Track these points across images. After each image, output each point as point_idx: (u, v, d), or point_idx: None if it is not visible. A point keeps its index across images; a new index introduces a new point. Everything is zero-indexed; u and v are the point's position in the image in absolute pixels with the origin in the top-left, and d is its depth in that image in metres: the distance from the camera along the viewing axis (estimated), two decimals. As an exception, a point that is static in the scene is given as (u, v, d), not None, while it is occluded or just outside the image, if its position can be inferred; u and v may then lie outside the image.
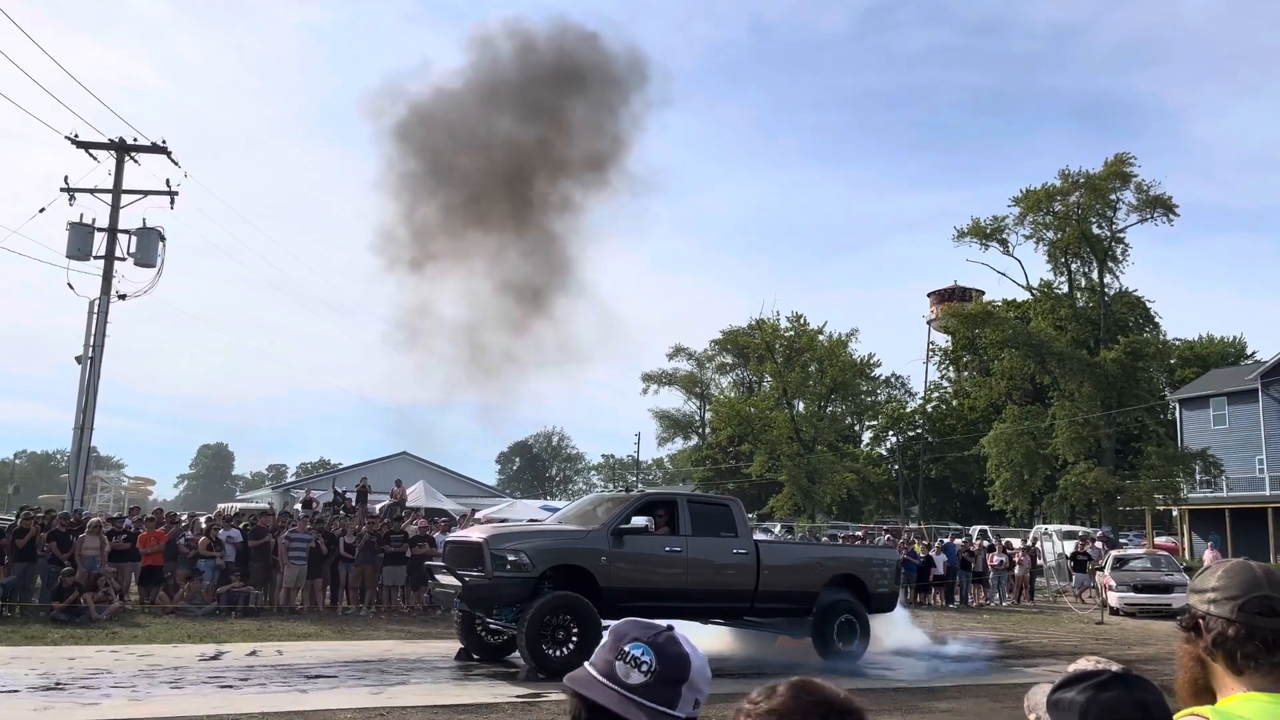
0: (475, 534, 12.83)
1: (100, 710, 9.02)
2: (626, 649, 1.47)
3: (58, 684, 10.33)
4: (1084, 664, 1.76)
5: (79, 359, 25.84)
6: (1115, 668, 1.70)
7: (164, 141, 25.98)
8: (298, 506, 25.66)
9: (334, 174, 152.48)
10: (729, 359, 66.64)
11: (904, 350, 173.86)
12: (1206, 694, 1.88)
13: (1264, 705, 1.75)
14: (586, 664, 1.49)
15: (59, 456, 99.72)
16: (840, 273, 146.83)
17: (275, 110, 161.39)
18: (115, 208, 26.10)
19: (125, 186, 26.24)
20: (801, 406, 58.52)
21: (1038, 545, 30.31)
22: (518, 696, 10.45)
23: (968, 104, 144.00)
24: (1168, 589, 23.90)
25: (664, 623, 1.53)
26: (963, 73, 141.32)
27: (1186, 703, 1.88)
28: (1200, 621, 1.87)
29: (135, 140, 25.98)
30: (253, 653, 13.29)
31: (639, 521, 12.43)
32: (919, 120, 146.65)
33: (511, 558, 11.79)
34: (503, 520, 26.34)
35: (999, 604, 25.53)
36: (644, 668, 1.45)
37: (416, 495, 29.16)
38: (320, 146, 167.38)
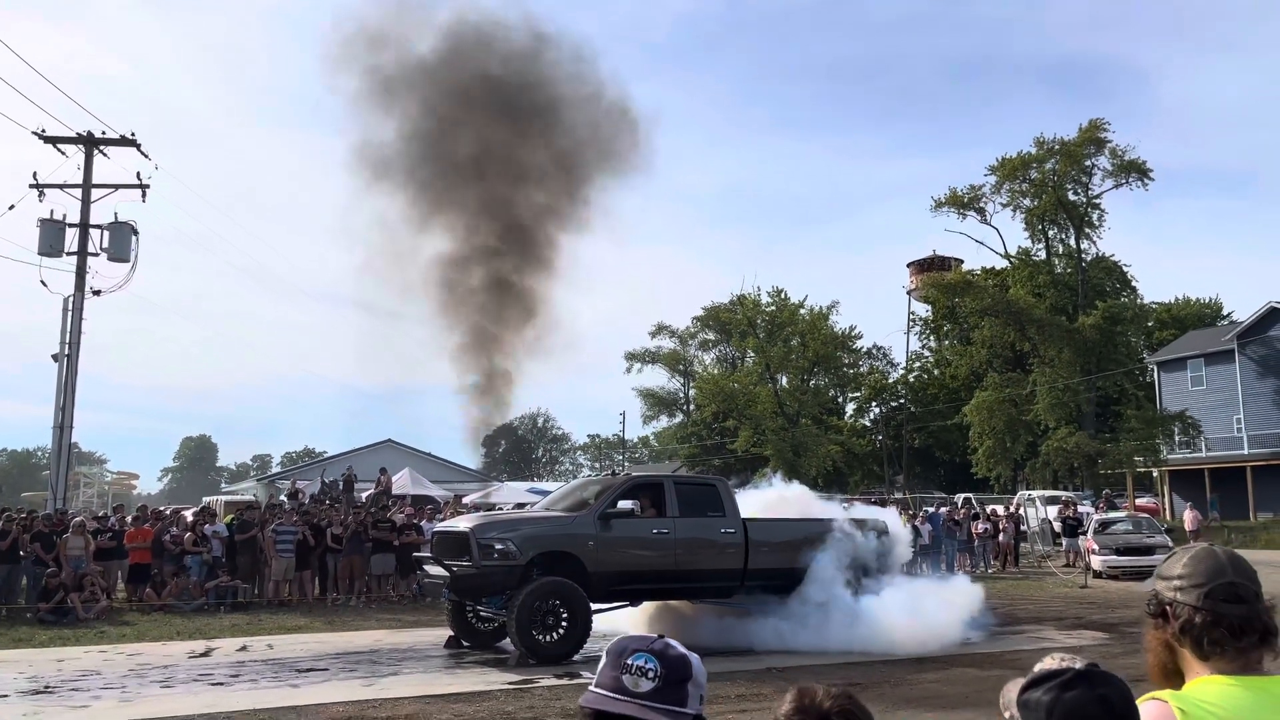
0: (462, 524, 12.84)
1: (91, 713, 9.01)
2: (630, 661, 1.54)
3: (47, 687, 10.31)
4: (1049, 663, 1.79)
5: (55, 357, 25.61)
6: (1079, 665, 1.73)
7: (133, 134, 25.67)
8: (283, 498, 25.58)
9: (304, 161, 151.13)
10: (711, 335, 66.71)
11: (885, 321, 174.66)
12: (1175, 677, 1.92)
13: (1224, 688, 1.79)
14: (591, 688, 1.56)
15: (39, 453, 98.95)
16: (819, 244, 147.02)
17: (243, 98, 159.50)
18: (86, 203, 25.79)
19: (95, 180, 25.92)
20: (785, 381, 58.71)
21: (1021, 511, 30.59)
22: (510, 683, 10.51)
23: (941, 71, 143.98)
24: (1149, 551, 24.20)
25: (653, 634, 1.62)
26: (935, 39, 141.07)
27: (1157, 685, 1.92)
28: (1167, 608, 1.91)
29: (104, 133, 25.65)
30: (243, 648, 13.29)
31: (625, 505, 12.47)
32: (893, 88, 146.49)
33: (499, 546, 11.81)
34: (490, 505, 26.40)
35: (984, 571, 25.80)
36: (651, 674, 1.53)
37: (402, 482, 29.14)
38: (290, 133, 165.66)
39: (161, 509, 24.58)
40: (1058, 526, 29.16)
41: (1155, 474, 45.53)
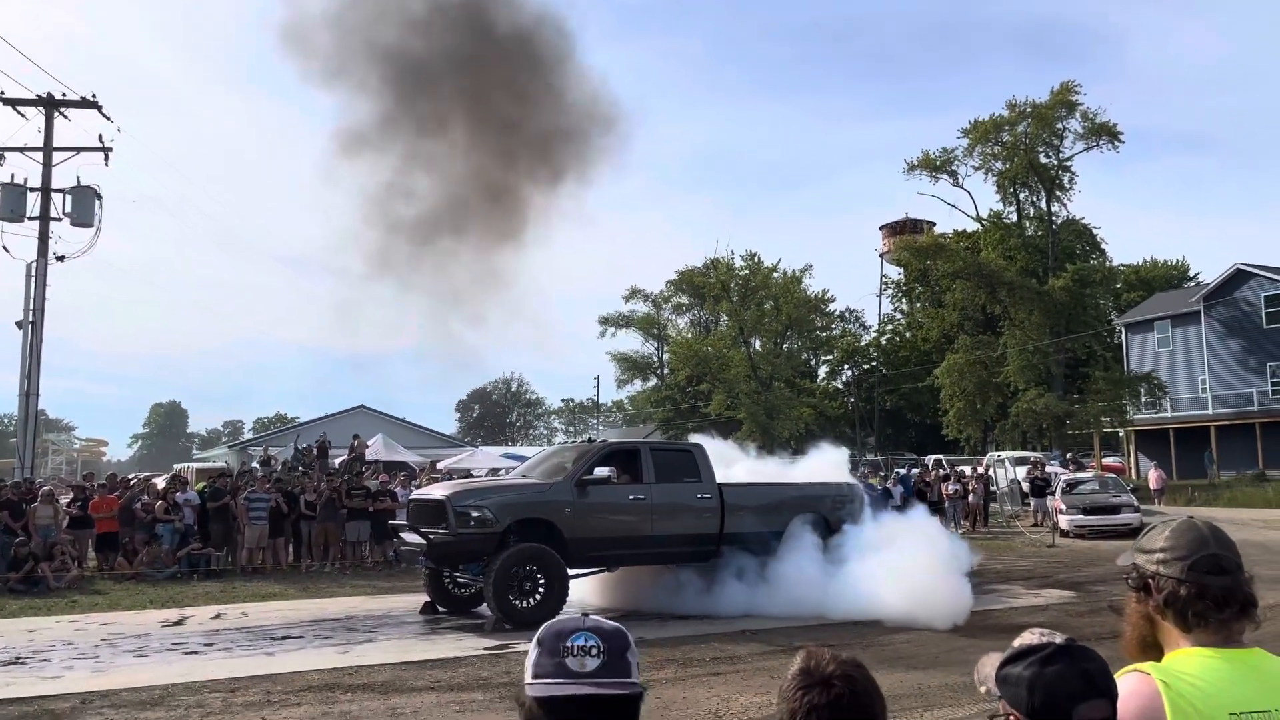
0: (438, 491, 12.82)
1: (64, 683, 8.95)
2: (569, 644, 1.49)
3: (18, 658, 10.23)
4: (1029, 637, 1.79)
5: (19, 323, 25.20)
6: (1059, 639, 1.74)
7: (94, 95, 25.15)
8: (255, 465, 25.42)
9: (269, 123, 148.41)
10: (685, 299, 66.59)
11: (857, 284, 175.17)
12: (1154, 649, 1.93)
13: (1205, 660, 1.81)
14: (530, 680, 1.50)
15: (5, 420, 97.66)
16: (793, 207, 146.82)
17: (206, 58, 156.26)
18: (47, 166, 25.28)
19: (56, 144, 25.40)
20: (758, 344, 58.86)
21: (990, 472, 30.97)
22: (485, 649, 10.56)
23: (915, 34, 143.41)
24: (1115, 510, 24.65)
25: (577, 614, 1.58)
26: (907, 1, 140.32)
27: (1134, 658, 1.93)
28: (1150, 581, 1.91)
29: (64, 95, 25.09)
30: (217, 616, 13.25)
31: (601, 472, 12.50)
32: (867, 51, 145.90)
33: (475, 514, 11.82)
34: (465, 471, 26.37)
35: (954, 531, 26.16)
36: (595, 651, 1.49)
37: (376, 448, 29.02)
38: (255, 95, 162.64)
39: (131, 477, 24.37)
40: (1026, 487, 29.57)
41: (1121, 434, 46.21)
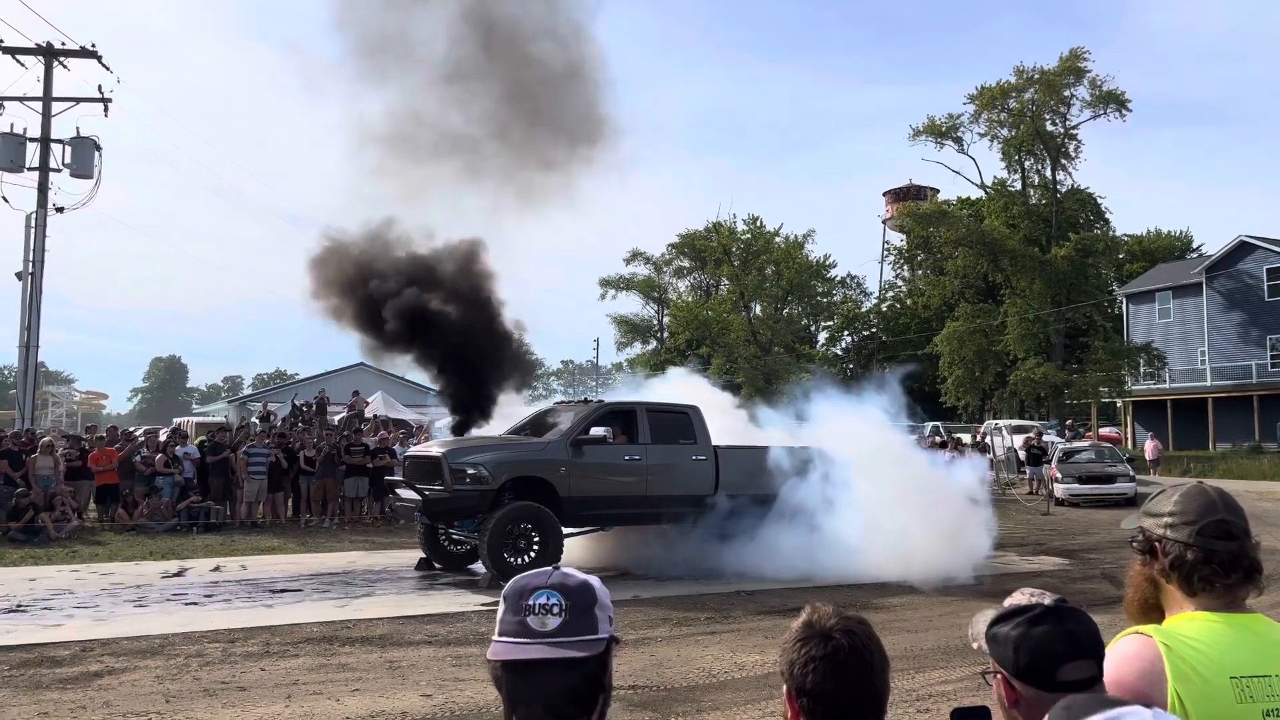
0: (434, 448, 12.87)
1: (64, 631, 9.05)
2: (530, 602, 1.49)
3: (19, 606, 10.34)
4: (1019, 598, 1.81)
5: (19, 275, 25.16)
6: (1048, 600, 1.76)
7: (93, 45, 24.90)
8: (254, 420, 25.50)
9: (271, 75, 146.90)
10: (686, 263, 66.32)
11: (860, 250, 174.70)
12: (1155, 612, 1.95)
13: (1207, 624, 1.82)
14: (495, 638, 1.50)
15: (5, 372, 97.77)
16: (796, 171, 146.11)
17: (208, 8, 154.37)
18: (46, 116, 25.10)
19: (56, 94, 25.19)
20: (759, 309, 58.75)
21: (987, 440, 31.08)
22: (481, 605, 10.66)
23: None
24: (1110, 479, 24.79)
25: (547, 568, 1.56)
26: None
27: (1135, 620, 1.94)
28: (1156, 544, 1.92)
29: (63, 44, 24.84)
30: (216, 569, 13.37)
31: (598, 432, 12.54)
32: (873, 15, 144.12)
33: (471, 471, 11.88)
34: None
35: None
36: (556, 609, 1.48)
37: (375, 406, 29.08)
38: (255, 46, 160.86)
39: (131, 429, 24.46)
40: (1023, 455, 29.69)
41: (1119, 404, 46.31)
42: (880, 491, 13.04)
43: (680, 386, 16.07)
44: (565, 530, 12.24)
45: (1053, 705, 1.59)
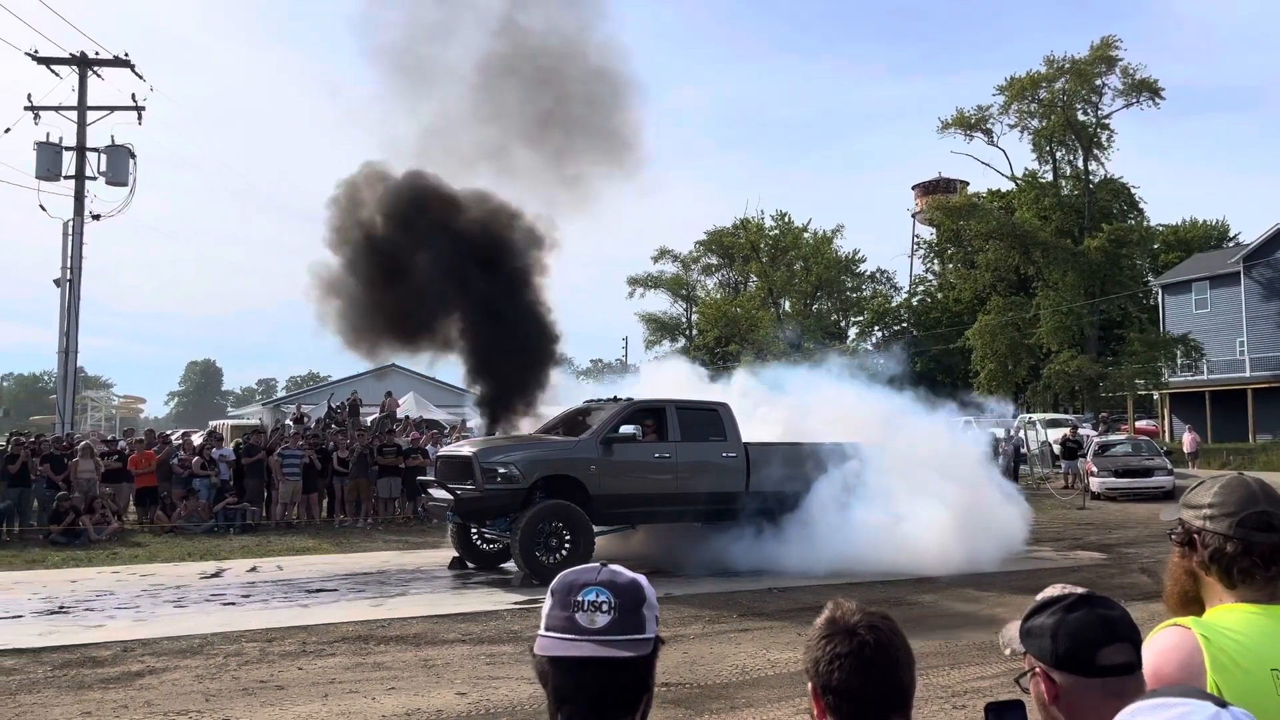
0: (465, 448, 12.95)
1: (106, 632, 9.20)
2: (579, 598, 1.47)
3: (61, 607, 10.52)
4: (1051, 590, 1.80)
5: (57, 282, 25.57)
6: (1080, 590, 1.75)
7: (126, 54, 25.27)
8: (289, 422, 25.76)
9: (297, 79, 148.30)
10: (714, 260, 66.18)
11: (889, 245, 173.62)
12: (1194, 604, 1.92)
13: (1246, 615, 1.80)
14: (541, 632, 1.49)
15: (46, 377, 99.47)
16: (824, 167, 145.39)
17: (234, 13, 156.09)
18: (81, 125, 25.49)
19: (90, 102, 25.57)
20: (788, 305, 58.51)
21: (1021, 434, 30.77)
22: (515, 603, 10.71)
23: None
24: (1148, 473, 24.45)
25: (595, 564, 1.55)
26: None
27: (1175, 612, 1.92)
28: (1195, 536, 1.90)
29: (97, 54, 25.23)
30: (253, 569, 13.52)
31: (627, 430, 12.56)
32: (897, 6, 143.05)
33: (502, 470, 11.94)
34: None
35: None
36: (605, 607, 1.46)
37: (407, 406, 29.30)
38: (283, 50, 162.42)
39: (169, 433, 24.82)
40: (1057, 449, 29.35)
41: (1155, 397, 45.64)
42: (914, 486, 12.95)
43: (663, 372, 16.32)
44: (596, 528, 12.27)
45: (1093, 692, 1.58)
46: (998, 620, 1.78)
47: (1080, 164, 47.22)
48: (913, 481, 13.08)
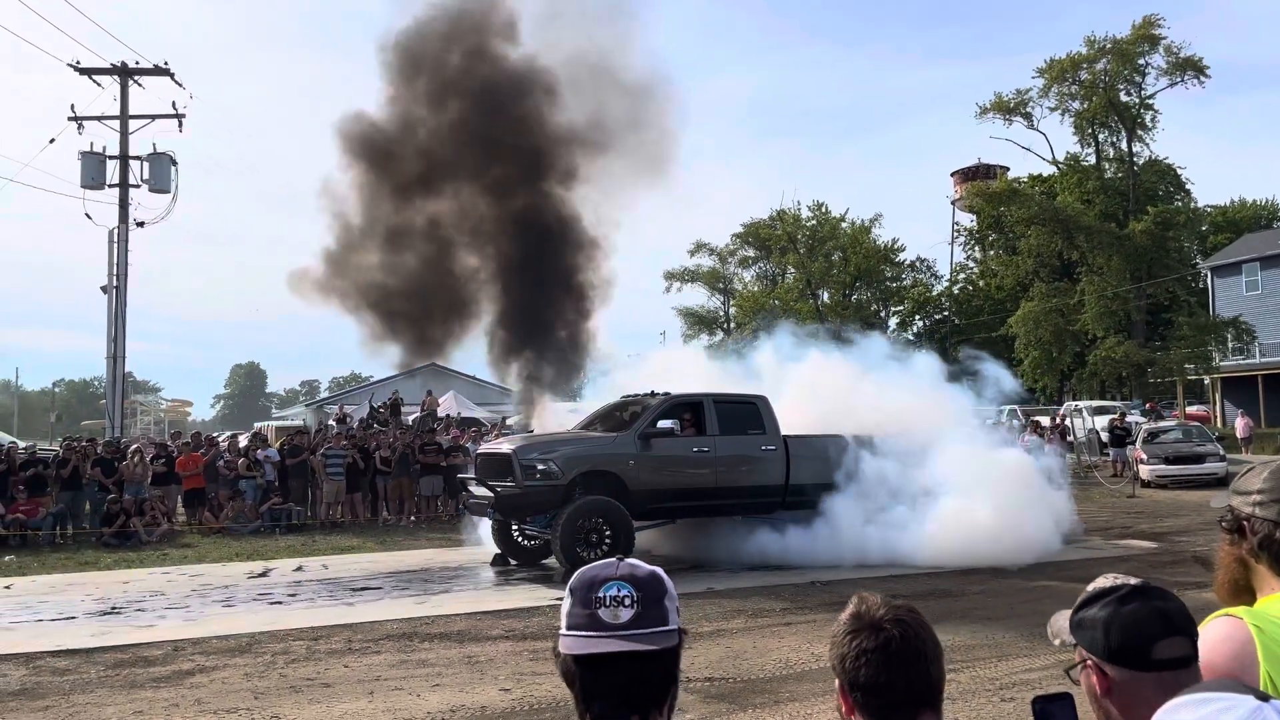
0: (504, 445, 13.00)
1: (157, 631, 9.36)
2: (601, 594, 1.45)
3: (114, 608, 10.72)
4: (1103, 581, 1.74)
5: (104, 288, 26.07)
6: (1134, 581, 1.69)
7: (166, 63, 25.66)
8: (332, 423, 26.05)
9: (333, 83, 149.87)
10: (751, 252, 65.85)
11: (929, 233, 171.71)
12: (1246, 594, 1.87)
13: None
14: (564, 632, 1.47)
15: (96, 383, 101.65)
16: (861, 155, 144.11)
17: (270, 18, 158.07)
18: (124, 134, 25.94)
19: (132, 111, 26.02)
20: (826, 296, 58.09)
21: (1067, 422, 30.28)
22: (557, 599, 10.66)
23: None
24: (1199, 459, 23.94)
25: (612, 559, 1.53)
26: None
27: (1226, 602, 1.87)
28: (1245, 524, 1.84)
29: (137, 63, 25.66)
30: (299, 568, 13.69)
31: (665, 424, 12.52)
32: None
33: (541, 467, 11.96)
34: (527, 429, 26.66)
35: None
36: (628, 601, 1.44)
37: (447, 405, 29.49)
38: (316, 55, 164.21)
39: (215, 435, 25.22)
40: (1105, 437, 28.86)
41: (1206, 381, 44.69)
42: (959, 477, 12.78)
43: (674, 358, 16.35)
44: (635, 523, 12.25)
45: (1146, 686, 1.52)
46: (1045, 611, 1.74)
47: (1124, 146, 46.35)
48: (955, 472, 12.90)
